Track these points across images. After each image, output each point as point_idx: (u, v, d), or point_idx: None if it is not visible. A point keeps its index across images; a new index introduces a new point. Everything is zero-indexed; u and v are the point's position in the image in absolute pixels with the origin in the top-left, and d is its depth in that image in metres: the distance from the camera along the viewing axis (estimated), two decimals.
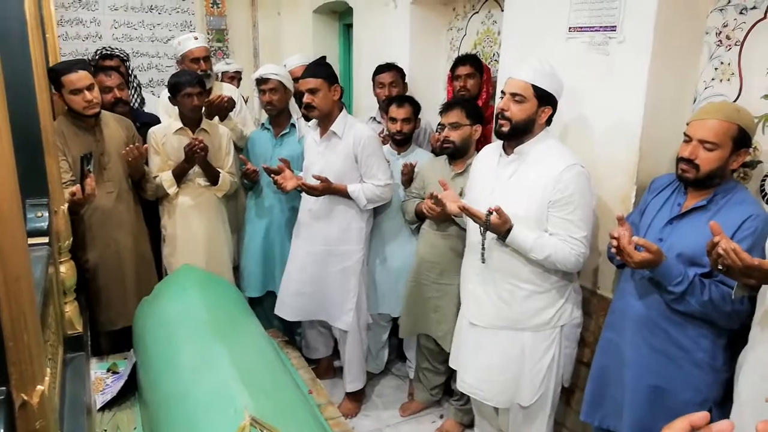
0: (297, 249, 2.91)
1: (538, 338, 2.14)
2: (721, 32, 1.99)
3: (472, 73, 2.94)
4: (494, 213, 1.95)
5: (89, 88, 2.55)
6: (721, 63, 2.00)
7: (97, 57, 3.44)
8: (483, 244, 2.07)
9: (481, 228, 2.04)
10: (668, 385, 1.81)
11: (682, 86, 2.08)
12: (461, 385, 2.33)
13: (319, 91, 2.60)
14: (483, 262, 2.11)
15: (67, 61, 2.69)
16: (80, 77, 2.52)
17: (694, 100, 2.09)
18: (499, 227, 1.99)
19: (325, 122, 2.70)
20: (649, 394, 1.85)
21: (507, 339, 2.15)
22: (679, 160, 1.77)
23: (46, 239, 1.59)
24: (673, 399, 1.80)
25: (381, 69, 3.21)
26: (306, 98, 2.61)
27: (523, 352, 2.15)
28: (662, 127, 2.04)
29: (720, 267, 1.43)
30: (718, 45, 2.00)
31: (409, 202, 2.77)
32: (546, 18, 2.36)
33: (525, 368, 2.16)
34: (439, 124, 2.63)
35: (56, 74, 2.50)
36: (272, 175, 2.73)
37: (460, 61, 2.99)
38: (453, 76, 3.01)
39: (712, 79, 2.03)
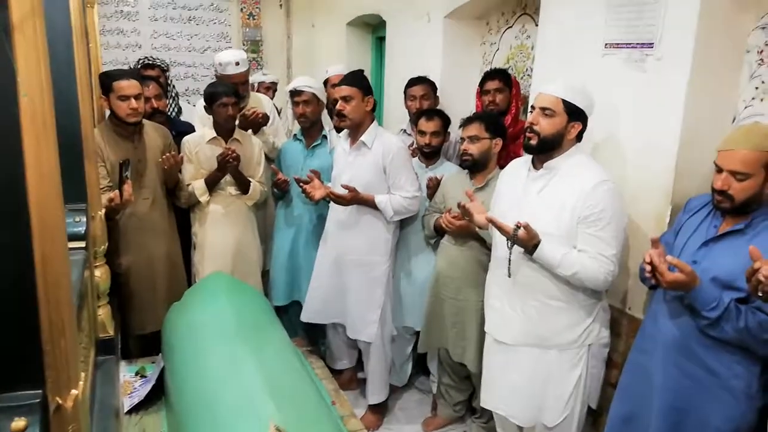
0: (323, 258, 2.92)
1: (565, 357, 2.10)
2: (762, 51, 1.94)
3: (501, 88, 2.93)
4: (522, 227, 1.93)
5: (137, 97, 2.63)
6: (762, 82, 1.95)
7: (138, 66, 3.52)
8: (509, 259, 2.05)
9: (508, 242, 2.02)
10: (698, 411, 1.75)
11: (721, 105, 2.04)
12: (484, 400, 2.30)
13: (352, 99, 2.62)
14: (509, 277, 2.09)
15: (120, 69, 2.78)
16: (131, 85, 2.61)
17: (733, 119, 2.04)
18: (526, 242, 1.97)
19: (355, 132, 2.72)
20: (678, 420, 1.80)
21: (533, 357, 2.12)
22: (713, 190, 1.73)
23: (83, 244, 1.63)
24: (704, 427, 1.74)
25: (413, 82, 3.22)
26: (338, 105, 2.63)
27: (549, 371, 2.11)
28: (700, 147, 2.00)
29: (760, 294, 1.38)
30: (760, 64, 1.95)
31: (429, 217, 2.77)
32: (581, 34, 2.34)
33: (550, 387, 2.12)
34: (459, 138, 2.63)
35: (108, 79, 2.60)
36: (302, 185, 2.75)
37: (489, 75, 2.98)
38: (482, 91, 3.00)
39: (753, 99, 1.98)
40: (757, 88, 1.97)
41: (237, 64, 3.32)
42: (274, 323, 2.52)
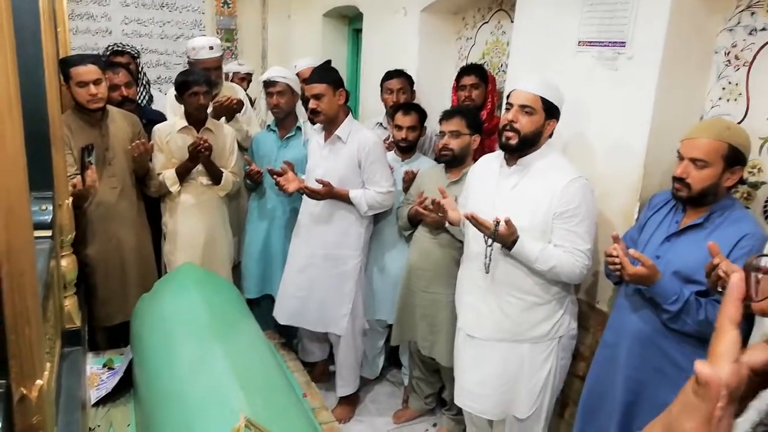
0: (295, 251, 2.91)
1: (537, 350, 2.13)
2: (730, 52, 1.99)
3: (477, 84, 2.94)
4: (502, 223, 1.95)
5: (96, 82, 2.56)
6: (729, 83, 2.00)
7: (108, 53, 3.45)
8: (488, 254, 2.07)
9: (487, 238, 2.04)
10: (663, 402, 1.79)
11: (689, 104, 2.09)
12: (457, 399, 2.32)
13: (324, 96, 2.60)
14: (487, 272, 2.11)
15: (80, 54, 2.70)
16: (88, 70, 2.53)
17: (701, 119, 2.09)
18: (506, 238, 1.98)
19: (330, 126, 2.70)
20: (642, 412, 1.85)
21: (506, 351, 2.15)
22: (673, 179, 1.78)
23: (49, 233, 1.60)
24: None
25: (390, 75, 3.21)
26: (311, 104, 2.61)
27: (522, 364, 2.14)
28: (668, 144, 2.04)
29: (720, 289, 1.42)
30: (727, 65, 2.00)
31: (403, 208, 2.77)
32: (555, 31, 2.37)
33: (523, 380, 2.15)
34: (439, 131, 2.63)
35: (66, 65, 2.52)
36: (275, 177, 2.73)
37: (465, 71, 2.99)
38: (458, 86, 3.02)
39: (720, 99, 2.03)
40: (724, 88, 2.02)
41: (211, 48, 3.29)
42: (246, 315, 2.51)
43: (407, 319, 2.73)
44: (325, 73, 2.68)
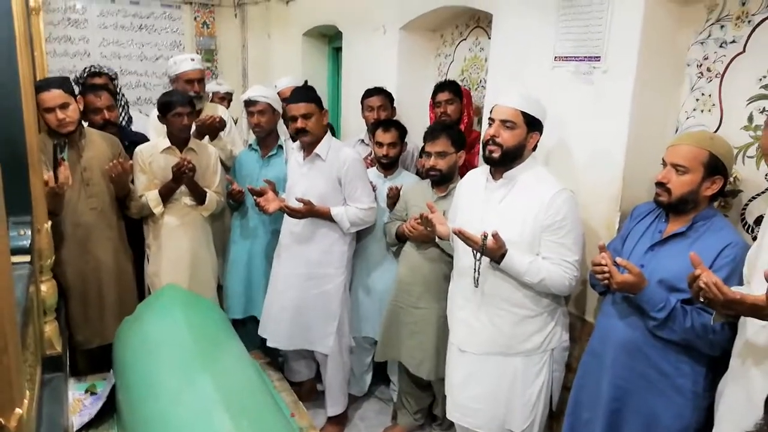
0: (277, 271, 2.88)
1: (530, 363, 2.14)
2: (702, 64, 2.04)
3: (452, 99, 2.98)
4: (490, 237, 1.96)
5: (62, 107, 2.52)
6: (702, 94, 2.04)
7: (85, 75, 3.43)
8: (477, 268, 2.08)
9: (475, 252, 2.04)
10: (648, 410, 1.81)
11: (665, 116, 2.13)
12: (451, 414, 2.31)
13: (312, 115, 2.61)
14: (476, 287, 2.11)
15: (46, 78, 2.66)
16: (53, 96, 2.49)
17: (676, 130, 2.13)
18: (495, 251, 2.00)
19: (310, 145, 2.70)
20: (628, 420, 1.86)
21: (498, 365, 2.15)
22: (656, 184, 1.81)
23: (28, 258, 1.57)
24: (653, 425, 1.80)
25: (370, 93, 3.24)
26: (300, 123, 2.60)
27: (515, 378, 2.14)
28: (645, 156, 2.08)
29: (701, 299, 1.44)
30: (699, 77, 2.05)
31: (391, 225, 2.77)
32: (532, 47, 2.41)
33: (516, 394, 2.15)
34: (424, 152, 2.64)
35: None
36: (255, 197, 2.72)
37: (440, 87, 3.04)
38: (434, 103, 3.05)
39: (694, 110, 2.08)
40: (697, 99, 2.06)
41: (192, 60, 3.30)
42: (231, 336, 2.48)
43: (393, 337, 2.71)
44: (311, 93, 2.69)
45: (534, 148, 2.12)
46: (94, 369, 2.71)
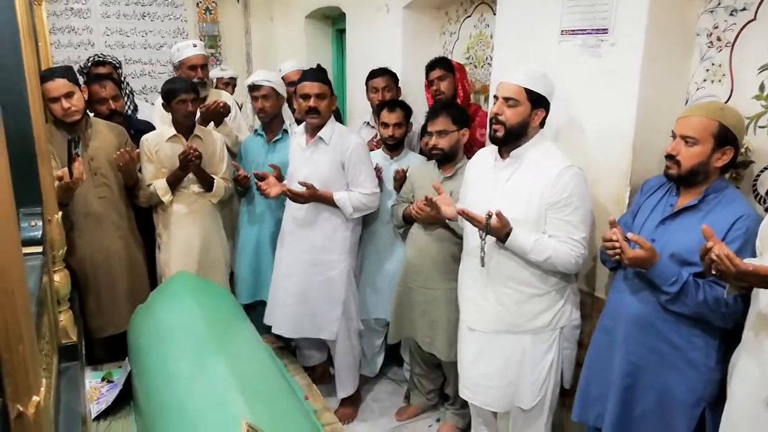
0: (281, 257, 2.88)
1: (539, 341, 2.14)
2: (711, 33, 2.00)
3: (443, 75, 2.97)
4: (494, 216, 1.95)
5: (67, 95, 2.52)
6: (713, 64, 2.01)
7: (89, 64, 3.43)
8: (483, 248, 2.07)
9: (481, 232, 2.04)
10: (662, 385, 1.81)
11: (674, 87, 2.10)
12: (462, 392, 2.33)
13: (326, 97, 2.61)
14: (483, 266, 2.11)
15: (49, 68, 2.66)
16: (57, 86, 2.49)
17: (686, 102, 2.10)
18: (499, 230, 1.99)
19: (314, 129, 2.69)
20: (641, 394, 1.86)
21: (507, 343, 2.16)
22: (665, 157, 1.79)
23: (40, 248, 1.58)
24: (667, 399, 1.80)
25: (374, 74, 3.21)
26: (313, 102, 2.58)
27: (524, 356, 2.15)
28: (655, 128, 2.05)
29: (713, 272, 1.43)
30: (709, 46, 2.01)
31: (398, 207, 2.77)
32: (538, 21, 2.37)
33: (526, 371, 2.16)
34: (426, 132, 2.62)
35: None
36: (257, 182, 2.72)
37: (430, 66, 3.03)
38: (428, 83, 3.04)
39: (704, 80, 2.04)
40: (707, 70, 2.03)
41: (194, 46, 3.31)
42: (243, 321, 2.50)
43: (405, 316, 2.73)
44: (325, 76, 2.68)
45: (542, 125, 2.10)
46: (109, 357, 2.74)
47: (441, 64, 3.00)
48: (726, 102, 1.94)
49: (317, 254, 2.75)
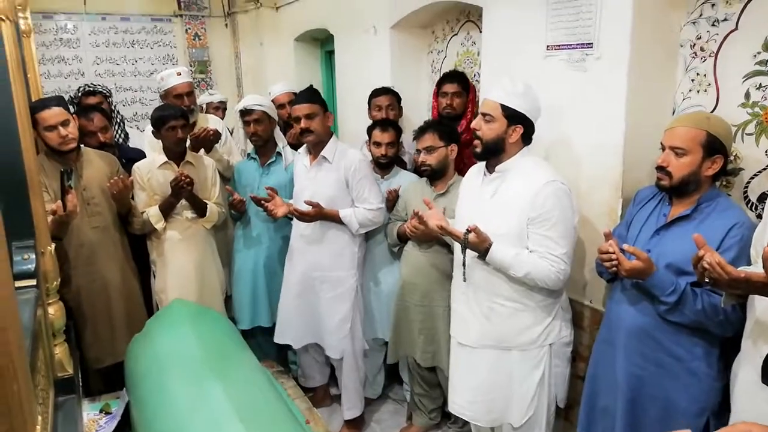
0: (289, 275, 2.89)
1: (526, 357, 2.12)
2: (695, 44, 2.03)
3: (459, 92, 2.95)
4: (472, 232, 1.96)
5: (64, 123, 2.53)
6: (697, 74, 2.03)
7: (80, 94, 3.43)
8: (464, 263, 2.08)
9: (462, 246, 2.04)
10: (665, 395, 1.80)
11: (661, 98, 2.12)
12: (451, 405, 2.32)
13: (316, 116, 2.63)
14: (464, 281, 2.11)
15: (41, 98, 2.67)
16: (53, 114, 2.50)
17: (673, 111, 2.12)
18: (478, 245, 2.00)
19: (316, 148, 2.71)
20: (645, 406, 1.85)
21: (494, 358, 2.14)
22: (656, 169, 1.80)
23: (33, 281, 1.57)
24: (671, 409, 1.79)
25: (377, 92, 3.21)
26: (304, 123, 2.62)
27: (511, 372, 2.13)
28: (644, 139, 2.07)
29: (706, 280, 1.43)
30: (693, 57, 2.04)
31: (392, 225, 2.78)
32: (524, 37, 2.40)
33: (513, 388, 2.14)
34: (416, 149, 2.65)
35: (31, 113, 2.48)
36: (263, 203, 2.72)
37: (448, 77, 2.99)
38: (439, 92, 3.02)
39: (690, 91, 2.07)
40: (693, 80, 2.05)
41: (179, 74, 3.31)
42: (241, 347, 2.48)
43: (404, 335, 2.71)
44: (315, 95, 2.71)
45: (527, 140, 2.08)
46: (107, 388, 2.71)
47: (459, 79, 2.96)
48: (712, 111, 1.97)
49: (326, 271, 2.78)
